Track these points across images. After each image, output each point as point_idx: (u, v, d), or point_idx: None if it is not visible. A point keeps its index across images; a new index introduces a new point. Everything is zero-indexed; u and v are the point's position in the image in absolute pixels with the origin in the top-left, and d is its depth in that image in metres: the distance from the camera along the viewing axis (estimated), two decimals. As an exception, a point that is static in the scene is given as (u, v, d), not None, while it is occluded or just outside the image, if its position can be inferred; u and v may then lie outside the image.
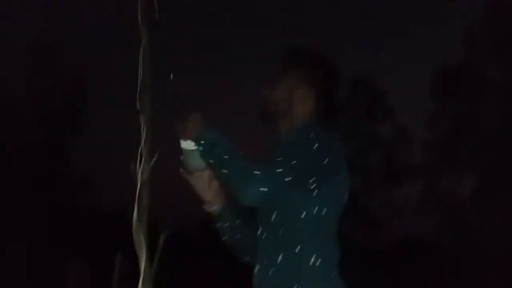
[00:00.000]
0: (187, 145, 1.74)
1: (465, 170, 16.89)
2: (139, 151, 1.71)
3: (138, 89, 1.75)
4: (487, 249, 14.90)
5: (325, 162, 1.63)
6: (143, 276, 1.63)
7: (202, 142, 1.68)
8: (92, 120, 17.61)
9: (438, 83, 16.81)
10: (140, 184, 1.69)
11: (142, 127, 1.73)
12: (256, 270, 1.72)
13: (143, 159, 1.70)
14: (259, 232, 1.73)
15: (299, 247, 1.64)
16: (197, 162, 1.76)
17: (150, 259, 1.67)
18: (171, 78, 1.79)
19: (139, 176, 1.68)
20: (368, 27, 26.66)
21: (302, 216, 1.64)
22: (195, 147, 1.72)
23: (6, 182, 14.83)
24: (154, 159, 1.74)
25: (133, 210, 1.67)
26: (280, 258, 1.65)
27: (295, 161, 1.58)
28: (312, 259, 1.63)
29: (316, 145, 1.62)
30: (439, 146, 17.21)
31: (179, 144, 1.78)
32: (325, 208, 1.66)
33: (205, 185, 1.81)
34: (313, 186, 1.62)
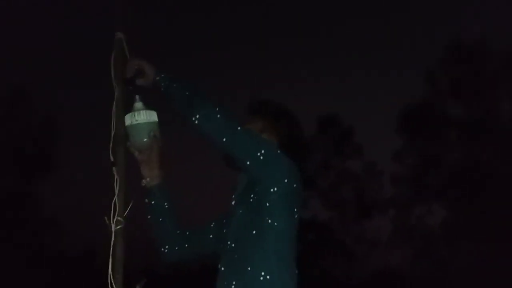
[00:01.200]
0: (133, 118, 1.77)
1: (434, 202, 17.22)
2: (113, 203, 1.70)
3: (111, 142, 1.77)
4: (459, 280, 15.04)
5: (292, 177, 1.71)
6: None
7: (162, 75, 1.75)
8: (65, 174, 17.33)
9: (404, 119, 17.30)
10: (115, 236, 1.68)
11: (116, 178, 1.73)
12: None
13: (117, 210, 1.69)
14: (219, 270, 1.74)
15: (249, 267, 1.63)
16: (141, 136, 1.78)
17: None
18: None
19: (113, 227, 1.68)
20: (335, 67, 27.43)
21: (254, 232, 1.65)
22: (141, 120, 1.76)
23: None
24: (127, 211, 1.74)
25: (101, 257, 1.65)
26: (233, 284, 1.65)
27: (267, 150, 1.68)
28: (261, 277, 1.61)
29: (287, 164, 1.71)
30: (408, 179, 17.54)
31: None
32: (277, 220, 1.66)
33: (148, 160, 1.82)
34: (273, 196, 1.65)
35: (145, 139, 1.80)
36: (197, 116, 1.66)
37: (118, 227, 1.71)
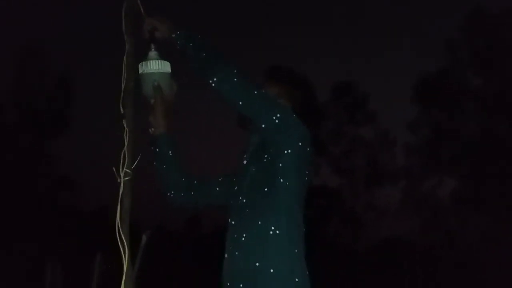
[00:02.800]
0: (146, 66, 1.79)
1: (446, 173, 17.15)
2: (122, 154, 1.72)
3: (122, 95, 1.78)
4: (468, 251, 15.13)
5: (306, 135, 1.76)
6: (126, 276, 1.66)
7: (178, 33, 1.77)
8: (77, 124, 17.52)
9: (420, 89, 17.06)
10: (123, 187, 1.71)
11: (125, 130, 1.75)
12: (224, 259, 1.78)
13: (125, 162, 1.72)
14: (229, 223, 1.80)
15: (260, 221, 1.70)
16: (151, 84, 1.80)
17: (132, 259, 1.69)
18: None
19: (122, 178, 1.70)
20: (353, 35, 26.91)
21: (266, 189, 1.72)
22: (153, 69, 1.78)
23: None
24: (136, 162, 1.77)
25: (113, 212, 1.70)
26: (243, 237, 1.72)
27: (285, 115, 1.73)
28: (271, 231, 1.69)
29: (301, 128, 1.77)
30: (421, 149, 17.44)
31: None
32: (289, 180, 1.73)
33: (156, 109, 1.87)
34: (286, 157, 1.70)
35: (159, 87, 1.82)
36: (214, 79, 1.71)
37: (126, 178, 1.73)
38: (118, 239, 1.61)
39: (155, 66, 1.82)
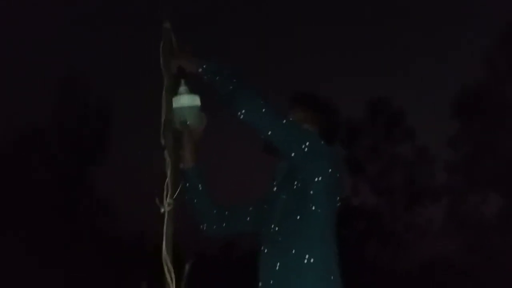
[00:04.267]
0: (176, 101, 1.87)
1: (490, 190, 16.61)
2: (165, 184, 1.77)
3: (162, 127, 1.85)
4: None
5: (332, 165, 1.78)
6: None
7: (205, 67, 1.81)
8: (119, 158, 17.91)
9: (459, 104, 16.71)
10: (167, 216, 1.76)
11: (167, 161, 1.81)
12: (259, 287, 1.79)
13: (169, 193, 1.77)
14: (262, 251, 1.82)
15: (294, 250, 1.72)
16: (182, 118, 1.87)
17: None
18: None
19: (165, 208, 1.75)
20: (387, 50, 26.73)
21: (298, 217, 1.74)
22: (182, 103, 1.85)
23: (35, 207, 15.13)
24: (177, 192, 1.82)
25: (152, 241, 1.73)
26: (278, 265, 1.73)
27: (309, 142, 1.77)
28: (305, 260, 1.69)
29: (330, 155, 1.80)
30: (462, 166, 16.99)
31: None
32: (321, 208, 1.75)
33: (186, 143, 1.92)
34: (317, 184, 1.72)
35: (187, 122, 1.89)
36: (243, 111, 1.75)
37: (169, 208, 1.78)
38: (165, 268, 1.65)
39: (184, 100, 1.89)
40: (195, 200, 1.96)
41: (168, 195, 1.78)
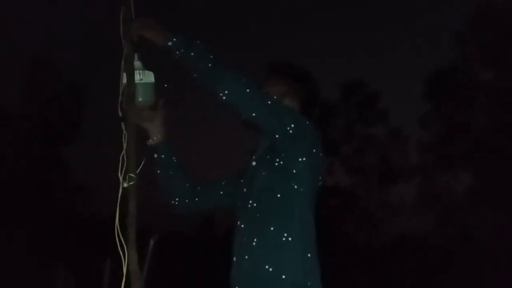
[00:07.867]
0: (142, 76, 1.75)
1: (460, 169, 16.97)
2: (121, 158, 1.70)
3: (119, 99, 1.76)
4: (484, 248, 14.93)
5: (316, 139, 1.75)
6: (125, 279, 1.64)
7: (175, 40, 1.65)
8: (90, 139, 17.66)
9: (431, 85, 16.91)
10: (126, 191, 1.69)
11: (124, 134, 1.73)
12: (233, 262, 1.75)
13: (125, 166, 1.69)
14: (238, 226, 1.77)
15: (272, 227, 1.68)
16: (149, 94, 1.76)
17: (140, 264, 1.69)
18: (166, 86, 1.83)
19: (121, 183, 1.68)
20: (360, 32, 26.81)
21: (279, 195, 1.70)
22: (147, 80, 1.73)
23: (4, 187, 14.88)
24: (140, 167, 1.74)
25: (123, 217, 1.68)
26: (254, 242, 1.70)
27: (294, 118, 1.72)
28: (284, 238, 1.66)
29: (314, 135, 1.76)
30: (434, 146, 17.28)
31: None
32: (303, 186, 1.71)
33: (150, 119, 1.84)
34: (301, 164, 1.68)
35: (139, 99, 1.78)
36: (226, 92, 1.63)
37: (131, 183, 1.71)
38: (118, 243, 1.60)
39: (137, 77, 1.77)
40: (170, 173, 1.89)
41: (124, 169, 1.70)
